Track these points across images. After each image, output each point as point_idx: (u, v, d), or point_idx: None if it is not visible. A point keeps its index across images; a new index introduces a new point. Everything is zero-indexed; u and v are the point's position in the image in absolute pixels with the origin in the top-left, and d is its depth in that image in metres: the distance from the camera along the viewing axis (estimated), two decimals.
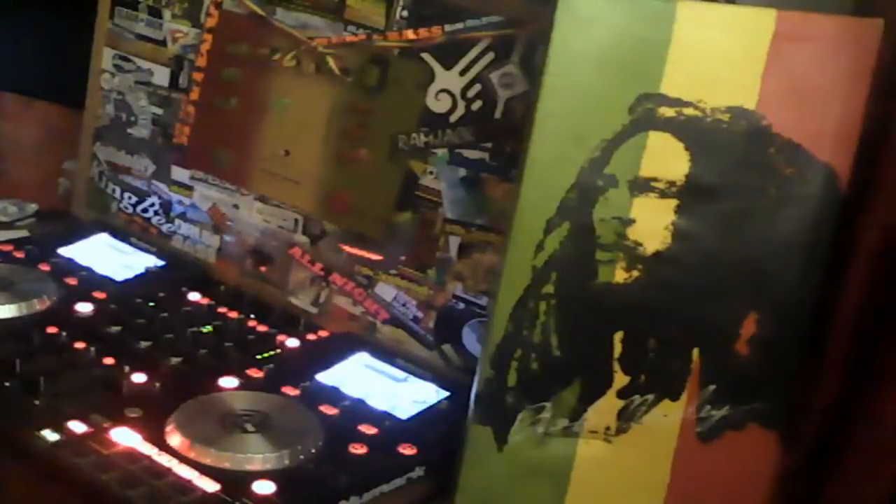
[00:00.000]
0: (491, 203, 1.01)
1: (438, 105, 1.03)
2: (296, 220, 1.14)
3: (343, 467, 0.83)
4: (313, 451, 0.85)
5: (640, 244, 0.77)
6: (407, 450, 0.87)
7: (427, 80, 1.03)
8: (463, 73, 1.01)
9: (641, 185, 0.76)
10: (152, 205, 1.26)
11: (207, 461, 0.82)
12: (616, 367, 0.79)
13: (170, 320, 1.05)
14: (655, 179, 0.76)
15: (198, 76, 1.20)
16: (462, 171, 1.02)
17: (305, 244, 1.13)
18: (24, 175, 1.38)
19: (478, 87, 1.01)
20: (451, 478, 0.82)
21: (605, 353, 0.79)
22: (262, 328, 1.06)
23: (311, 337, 1.07)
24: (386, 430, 0.90)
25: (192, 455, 0.82)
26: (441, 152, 1.03)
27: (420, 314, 1.06)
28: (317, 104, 1.11)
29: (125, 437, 0.84)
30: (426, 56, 1.03)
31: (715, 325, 0.77)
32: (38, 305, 1.04)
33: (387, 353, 1.04)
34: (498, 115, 1.00)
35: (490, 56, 1.00)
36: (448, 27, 1.02)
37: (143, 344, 0.99)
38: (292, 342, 1.05)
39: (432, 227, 1.04)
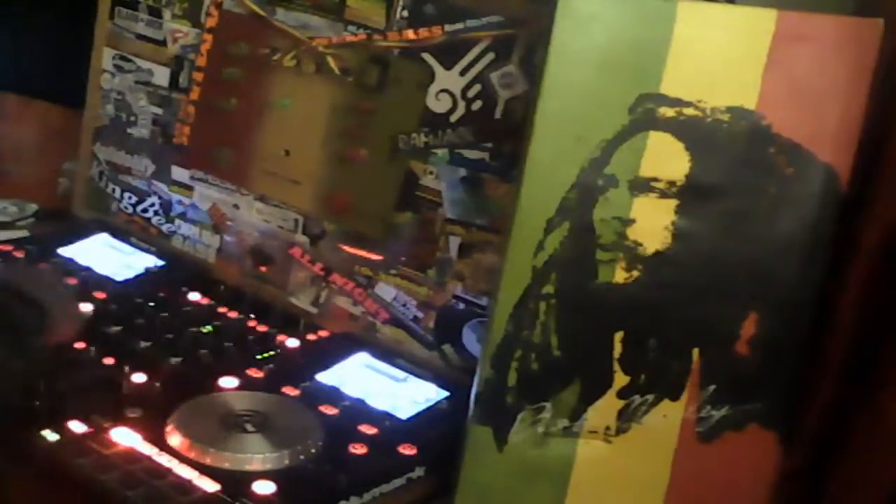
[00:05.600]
0: (491, 203, 1.01)
1: (438, 105, 1.03)
2: (296, 220, 1.14)
3: (343, 467, 0.83)
4: (313, 451, 0.85)
5: (640, 244, 0.77)
6: (407, 450, 0.87)
7: (427, 80, 1.03)
8: (463, 73, 1.01)
9: (641, 185, 0.76)
10: (152, 205, 1.26)
11: (207, 461, 0.82)
12: (616, 367, 0.79)
13: (170, 320, 1.05)
14: (655, 179, 0.76)
15: (198, 76, 1.20)
16: (462, 171, 1.02)
17: (305, 244, 1.13)
18: (24, 175, 1.38)
19: (478, 87, 1.01)
20: (451, 478, 0.82)
21: (606, 353, 0.79)
22: (262, 328, 1.06)
23: (311, 337, 1.07)
24: (386, 430, 0.90)
25: (192, 455, 0.82)
26: (441, 152, 1.03)
27: (420, 314, 1.06)
28: (317, 104, 1.11)
29: (125, 437, 0.84)
30: (426, 56, 1.03)
31: (715, 325, 0.77)
32: None
33: (387, 353, 1.04)
34: (498, 115, 1.00)
35: (490, 56, 1.00)
36: (448, 27, 1.02)
37: (143, 344, 0.99)
38: (292, 342, 1.05)
39: (432, 227, 1.04)
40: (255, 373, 0.97)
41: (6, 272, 0.98)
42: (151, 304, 1.08)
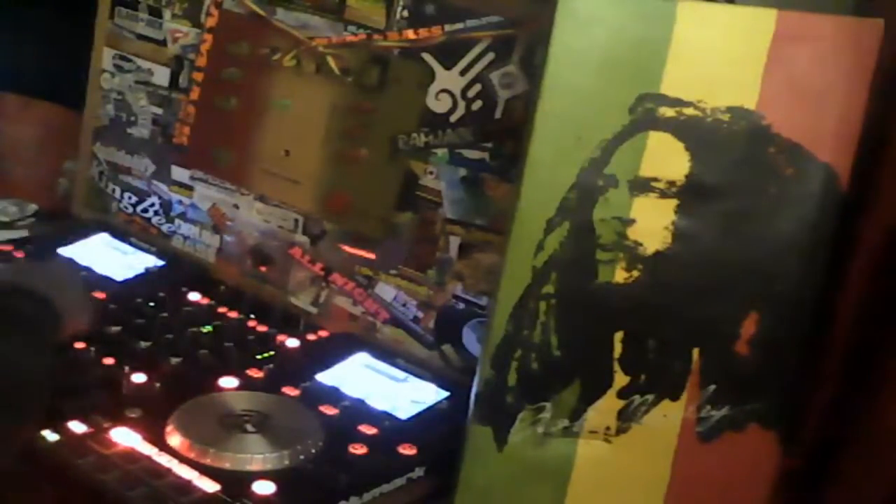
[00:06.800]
0: (491, 203, 1.01)
1: (438, 105, 1.03)
2: (296, 220, 1.14)
3: (343, 467, 0.83)
4: (313, 451, 0.85)
5: (640, 244, 0.77)
6: (407, 450, 0.87)
7: (427, 80, 1.03)
8: (463, 73, 1.01)
9: (641, 185, 0.76)
10: (152, 205, 1.26)
11: (207, 461, 0.82)
12: (616, 367, 0.79)
13: (170, 320, 1.05)
14: (655, 179, 0.76)
15: (198, 76, 1.20)
16: (462, 171, 1.02)
17: (305, 244, 1.13)
18: (24, 175, 1.38)
19: (478, 87, 1.00)
20: (451, 478, 0.82)
21: (606, 353, 0.79)
22: (262, 328, 1.06)
23: (311, 337, 1.07)
24: (386, 430, 0.90)
25: (192, 455, 0.82)
26: (441, 152, 1.03)
27: (420, 314, 1.06)
28: (317, 104, 1.11)
29: (125, 437, 0.84)
30: (426, 56, 1.03)
31: (715, 324, 0.77)
32: None
33: (387, 353, 1.04)
34: (498, 115, 1.00)
35: (490, 56, 0.99)
36: (448, 27, 1.02)
37: (143, 344, 0.99)
38: (292, 342, 1.05)
39: (432, 227, 1.04)
40: (254, 373, 0.97)
41: (9, 271, 0.98)
42: (151, 304, 1.08)
